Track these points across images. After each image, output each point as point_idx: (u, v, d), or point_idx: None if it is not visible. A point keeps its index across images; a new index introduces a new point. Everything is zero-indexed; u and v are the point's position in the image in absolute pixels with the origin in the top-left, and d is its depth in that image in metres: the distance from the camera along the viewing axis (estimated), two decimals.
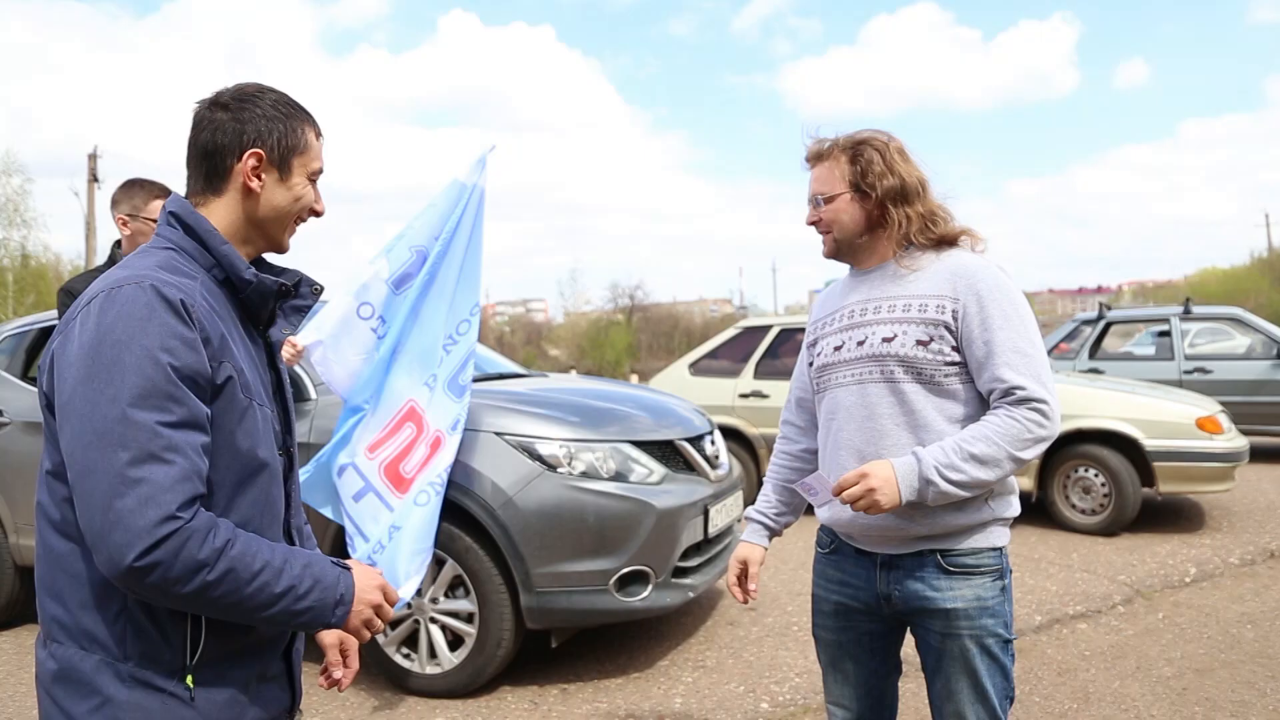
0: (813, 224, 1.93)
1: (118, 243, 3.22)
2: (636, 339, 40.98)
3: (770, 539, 2.10)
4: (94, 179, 25.42)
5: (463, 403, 3.38)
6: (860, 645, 1.94)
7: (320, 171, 1.40)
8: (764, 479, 2.18)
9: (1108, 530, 5.89)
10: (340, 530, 3.41)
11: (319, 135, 1.40)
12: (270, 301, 1.36)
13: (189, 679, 1.20)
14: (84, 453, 1.10)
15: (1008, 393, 1.71)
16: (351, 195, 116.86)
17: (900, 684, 2.05)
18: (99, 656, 1.18)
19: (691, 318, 50.06)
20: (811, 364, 2.01)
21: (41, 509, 1.23)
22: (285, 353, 3.30)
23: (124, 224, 3.11)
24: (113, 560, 1.08)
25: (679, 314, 49.39)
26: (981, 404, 1.79)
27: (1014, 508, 1.85)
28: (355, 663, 1.61)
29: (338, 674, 1.59)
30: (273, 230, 1.37)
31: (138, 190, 3.11)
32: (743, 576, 2.05)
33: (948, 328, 1.76)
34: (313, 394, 3.77)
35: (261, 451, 1.27)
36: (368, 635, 1.32)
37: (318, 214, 1.42)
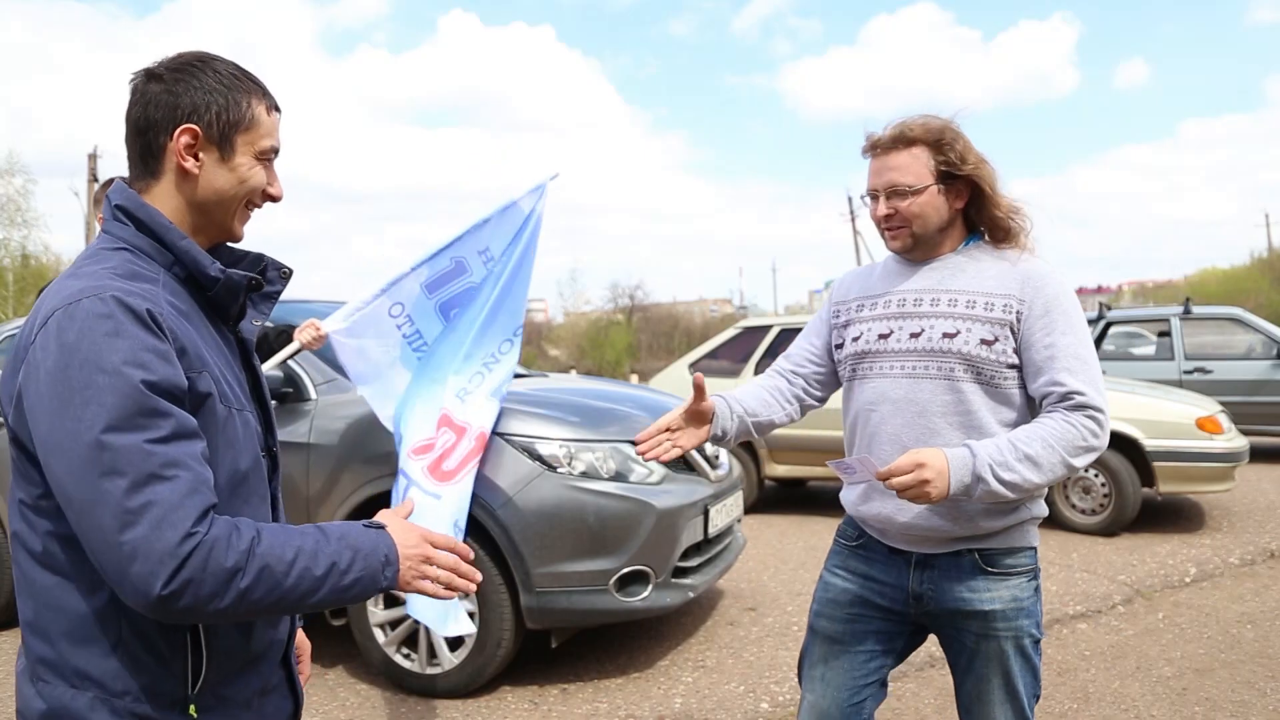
0: (886, 217, 1.79)
1: None
2: (636, 339, 40.98)
3: (720, 434, 1.89)
4: (94, 179, 25.43)
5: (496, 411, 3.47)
6: (863, 642, 1.87)
7: (273, 150, 1.24)
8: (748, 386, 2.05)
9: (1108, 530, 5.89)
10: None
11: (272, 109, 1.25)
12: (240, 297, 1.24)
13: (192, 708, 1.13)
14: (78, 489, 1.00)
15: (1065, 397, 1.66)
16: (352, 195, 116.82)
17: (901, 684, 2.02)
18: (93, 694, 1.09)
19: (691, 318, 50.05)
20: (840, 345, 1.92)
21: (19, 539, 1.13)
22: (306, 335, 3.30)
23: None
24: (140, 594, 1.00)
25: (679, 314, 49.37)
26: (1033, 411, 1.76)
27: (1044, 507, 1.83)
28: (307, 667, 1.54)
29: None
30: (218, 216, 1.22)
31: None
32: (667, 431, 1.84)
33: (1011, 329, 1.71)
34: (313, 394, 3.77)
35: (244, 461, 1.19)
36: (428, 588, 1.20)
37: (273, 198, 1.27)
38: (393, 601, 3.53)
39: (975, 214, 1.82)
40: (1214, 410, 6.08)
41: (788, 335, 7.31)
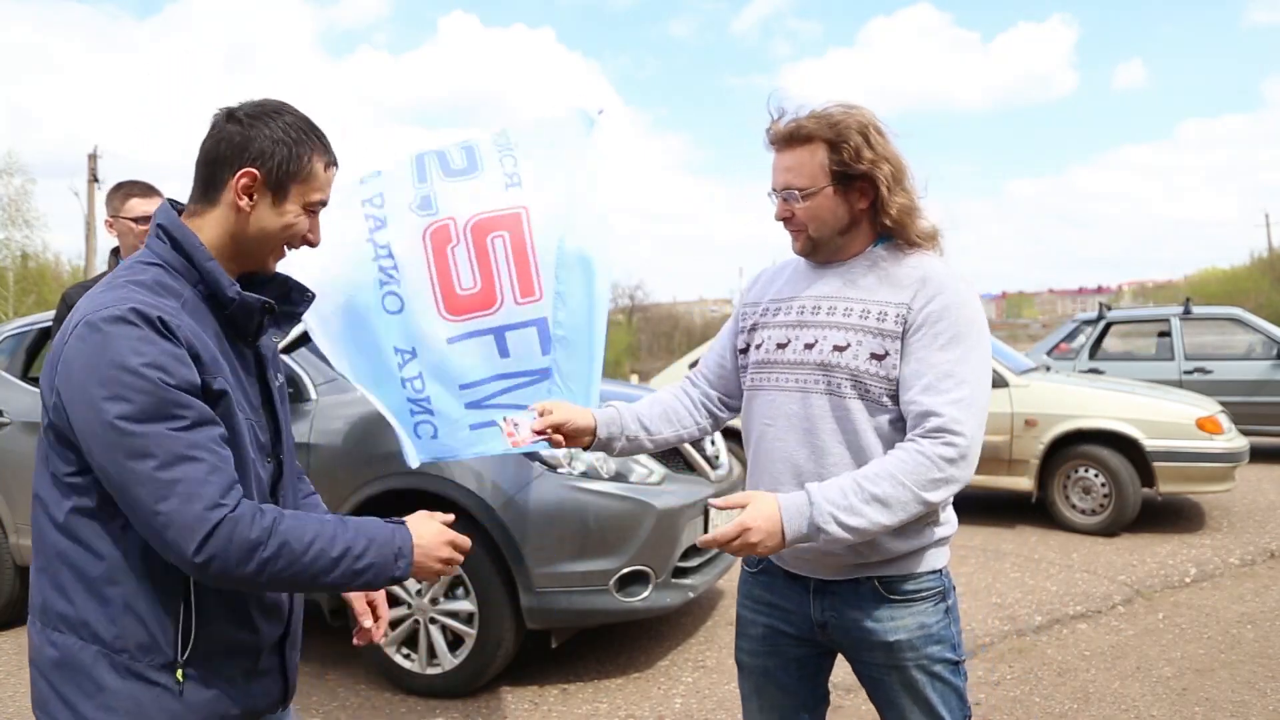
0: (784, 220, 1.69)
1: (115, 250, 3.23)
2: (636, 339, 40.99)
3: (608, 441, 1.81)
4: (94, 179, 25.41)
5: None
6: (788, 672, 1.77)
7: (322, 203, 1.38)
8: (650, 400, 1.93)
9: (1108, 530, 5.88)
10: None
11: (330, 165, 1.38)
12: (255, 317, 1.35)
13: (179, 673, 1.26)
14: (118, 471, 1.17)
15: (921, 418, 1.53)
16: None
17: (854, 702, 1.88)
18: (97, 648, 1.24)
19: (691, 318, 50.08)
20: (745, 350, 1.80)
21: (43, 506, 1.27)
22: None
23: (110, 226, 3.19)
24: (179, 558, 1.17)
25: (679, 314, 49.42)
26: None
27: (952, 525, 1.71)
28: (385, 611, 1.64)
29: (367, 623, 1.61)
30: (257, 251, 1.36)
31: (116, 193, 3.17)
32: (559, 428, 1.76)
33: (901, 340, 1.59)
34: (313, 394, 3.77)
35: (247, 460, 1.30)
36: (452, 572, 1.39)
37: (310, 244, 1.40)
38: (393, 601, 3.53)
39: (880, 214, 1.66)
40: (1214, 410, 6.08)
41: None
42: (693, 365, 7.80)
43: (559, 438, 1.77)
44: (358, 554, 1.25)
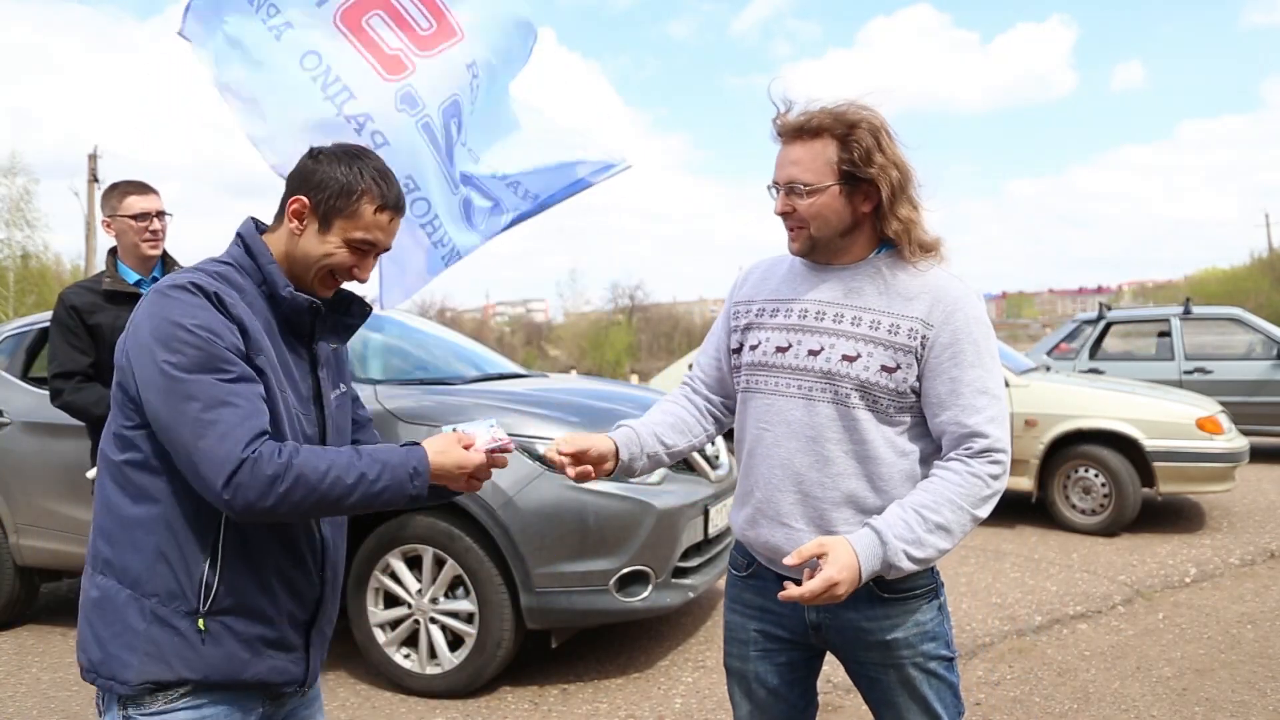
0: (784, 214, 1.64)
1: (113, 250, 3.23)
2: (636, 339, 41.01)
3: (628, 465, 1.76)
4: (94, 179, 25.40)
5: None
6: (779, 676, 1.75)
7: (366, 243, 1.48)
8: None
9: (1108, 530, 5.88)
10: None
11: (383, 209, 1.48)
12: (304, 317, 1.49)
13: (201, 622, 1.38)
14: (166, 412, 1.32)
15: (967, 439, 1.55)
16: None
17: (854, 702, 1.85)
18: (130, 592, 1.37)
19: (691, 318, 50.08)
20: (738, 350, 1.76)
21: (105, 459, 1.42)
22: None
23: (108, 226, 3.19)
24: (211, 493, 1.30)
25: (679, 314, 49.42)
26: (925, 435, 1.63)
27: None
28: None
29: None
30: (301, 273, 1.49)
31: (113, 192, 3.18)
32: (580, 457, 1.68)
33: (916, 356, 1.57)
34: None
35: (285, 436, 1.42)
36: (476, 487, 1.50)
37: (357, 279, 1.53)
38: (393, 601, 3.54)
39: (882, 220, 1.62)
40: (1214, 410, 6.08)
41: None
42: (691, 367, 7.81)
43: (562, 460, 1.66)
44: (372, 479, 1.36)
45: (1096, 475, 5.95)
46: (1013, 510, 6.49)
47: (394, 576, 3.51)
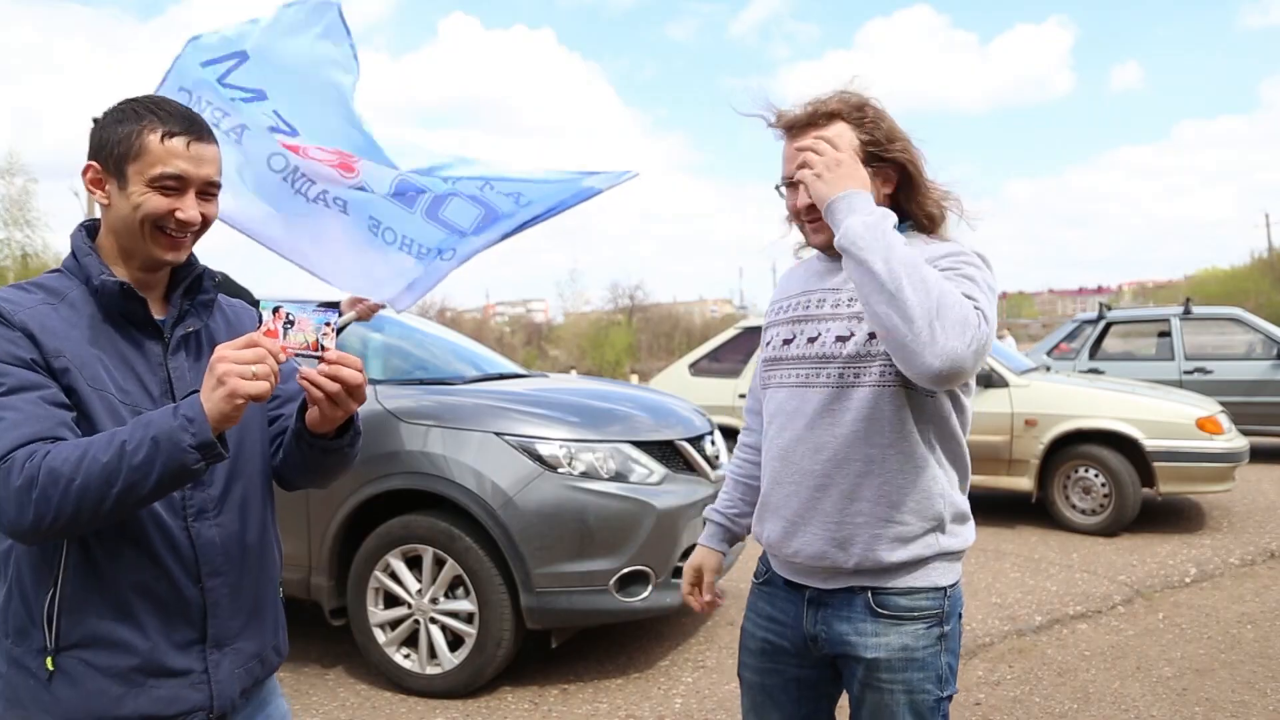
0: (809, 209, 1.54)
1: None
2: (636, 339, 40.98)
3: (731, 543, 1.88)
4: None
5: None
6: (787, 692, 1.67)
7: (171, 176, 1.28)
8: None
9: (1108, 530, 5.89)
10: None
11: (170, 135, 1.28)
12: (119, 301, 1.30)
13: (49, 661, 1.22)
14: None
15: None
16: None
17: None
18: None
19: (691, 318, 50.06)
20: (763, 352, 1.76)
21: None
22: (356, 311, 3.10)
23: None
24: None
25: (679, 314, 49.38)
26: (946, 412, 1.53)
27: (964, 538, 1.57)
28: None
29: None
30: (130, 242, 1.31)
31: None
32: (698, 585, 1.84)
33: None
34: None
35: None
36: (260, 388, 1.15)
37: (184, 223, 1.30)
38: (393, 602, 3.54)
39: (905, 202, 1.56)
40: (1214, 410, 6.08)
41: None
42: (693, 365, 7.81)
43: (703, 604, 1.88)
44: (134, 445, 1.13)
45: (1096, 475, 5.95)
46: (1013, 510, 6.50)
47: (394, 576, 3.51)
